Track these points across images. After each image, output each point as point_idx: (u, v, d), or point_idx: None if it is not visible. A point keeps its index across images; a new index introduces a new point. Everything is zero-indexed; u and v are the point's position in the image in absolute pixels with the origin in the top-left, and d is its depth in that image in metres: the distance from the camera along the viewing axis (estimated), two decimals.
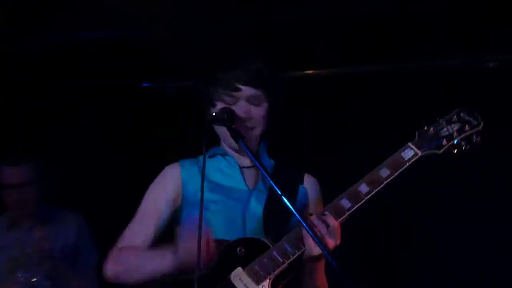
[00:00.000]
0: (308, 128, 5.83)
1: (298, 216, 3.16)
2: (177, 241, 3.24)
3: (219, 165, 3.63)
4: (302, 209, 3.59)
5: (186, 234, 3.20)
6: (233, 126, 3.42)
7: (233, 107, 3.49)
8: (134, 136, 6.09)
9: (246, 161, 3.65)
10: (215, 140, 3.68)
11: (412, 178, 3.40)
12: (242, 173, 3.61)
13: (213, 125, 3.55)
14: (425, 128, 3.44)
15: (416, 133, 3.43)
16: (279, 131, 3.92)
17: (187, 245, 3.15)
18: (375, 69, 5.74)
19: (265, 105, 3.55)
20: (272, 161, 3.73)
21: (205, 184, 3.46)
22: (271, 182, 3.21)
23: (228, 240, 3.39)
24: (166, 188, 3.60)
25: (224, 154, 3.65)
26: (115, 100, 5.99)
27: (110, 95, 5.94)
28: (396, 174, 3.35)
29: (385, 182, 3.35)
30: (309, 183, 3.69)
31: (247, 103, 3.51)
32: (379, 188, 3.34)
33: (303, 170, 3.74)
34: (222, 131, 3.56)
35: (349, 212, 3.32)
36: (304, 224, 3.17)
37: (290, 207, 3.16)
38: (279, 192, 3.19)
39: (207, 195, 3.43)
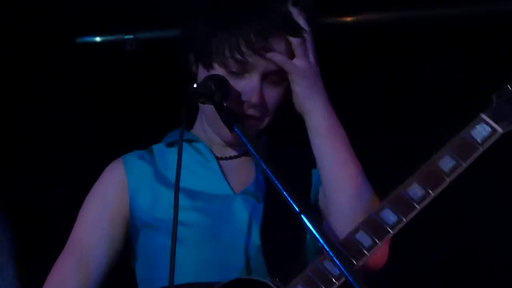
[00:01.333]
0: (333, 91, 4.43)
1: (316, 235, 2.01)
2: None
3: (184, 158, 2.30)
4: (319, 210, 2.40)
5: None
6: (225, 104, 2.23)
7: (239, 81, 2.30)
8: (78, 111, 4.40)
9: (228, 150, 2.43)
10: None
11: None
12: (221, 168, 2.41)
13: (196, 101, 2.31)
14: (508, 88, 2.23)
15: (493, 97, 2.23)
16: None
17: None
18: (438, 13, 4.31)
19: (286, 85, 2.34)
20: (265, 139, 2.52)
21: (165, 192, 2.34)
22: (279, 186, 2.05)
23: (208, 284, 2.20)
24: (105, 200, 2.41)
25: (192, 141, 2.45)
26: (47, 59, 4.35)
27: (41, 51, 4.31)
28: (465, 165, 2.17)
29: (448, 179, 2.16)
30: None
31: (261, 81, 2.31)
32: (440, 188, 2.16)
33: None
34: (208, 113, 2.35)
35: (395, 229, 2.15)
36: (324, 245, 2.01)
37: (308, 224, 2.02)
38: (296, 207, 2.04)
39: (169, 211, 2.20)
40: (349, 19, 4.36)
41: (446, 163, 2.17)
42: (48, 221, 3.88)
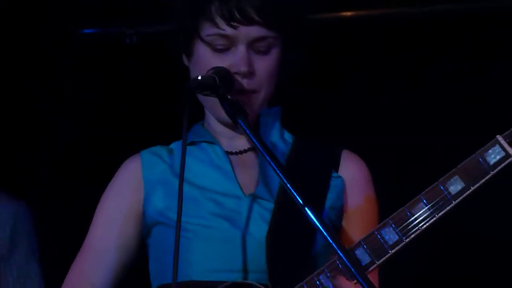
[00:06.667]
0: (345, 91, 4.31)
1: (329, 238, 1.99)
2: None
3: (202, 157, 2.39)
4: (336, 216, 2.37)
5: None
6: (229, 97, 2.22)
7: (225, 56, 2.31)
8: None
9: (239, 143, 2.42)
10: (198, 110, 2.43)
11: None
12: (232, 165, 2.38)
13: (198, 95, 2.30)
14: None
15: None
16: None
17: None
18: (449, 8, 4.18)
19: (276, 53, 2.34)
20: (290, 138, 2.47)
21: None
22: (288, 185, 2.03)
23: (212, 282, 2.22)
24: (120, 198, 2.41)
25: (210, 142, 2.41)
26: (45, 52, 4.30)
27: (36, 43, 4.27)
28: (473, 188, 2.10)
29: (454, 202, 2.10)
30: (348, 167, 2.40)
31: (247, 50, 2.31)
32: (445, 211, 2.10)
33: (339, 144, 2.47)
34: (210, 102, 2.32)
35: (395, 249, 2.11)
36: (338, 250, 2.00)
37: (318, 225, 2.00)
38: (299, 199, 2.01)
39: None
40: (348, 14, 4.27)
41: (455, 185, 2.10)
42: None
